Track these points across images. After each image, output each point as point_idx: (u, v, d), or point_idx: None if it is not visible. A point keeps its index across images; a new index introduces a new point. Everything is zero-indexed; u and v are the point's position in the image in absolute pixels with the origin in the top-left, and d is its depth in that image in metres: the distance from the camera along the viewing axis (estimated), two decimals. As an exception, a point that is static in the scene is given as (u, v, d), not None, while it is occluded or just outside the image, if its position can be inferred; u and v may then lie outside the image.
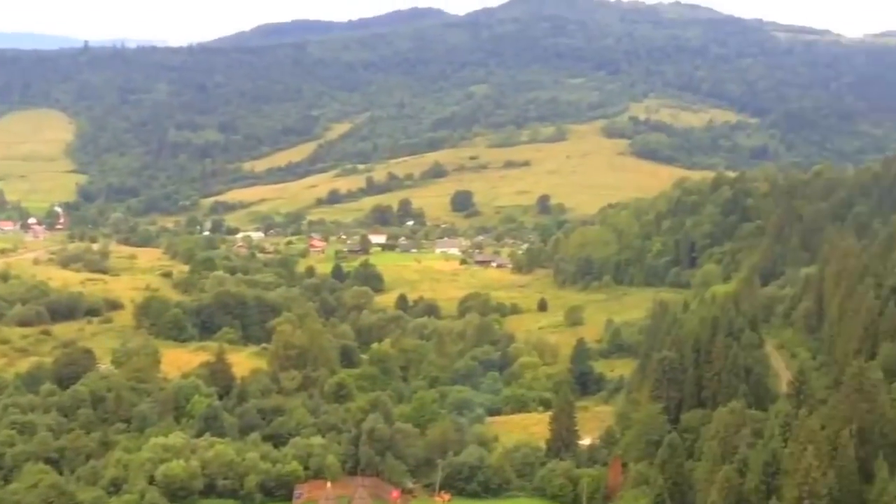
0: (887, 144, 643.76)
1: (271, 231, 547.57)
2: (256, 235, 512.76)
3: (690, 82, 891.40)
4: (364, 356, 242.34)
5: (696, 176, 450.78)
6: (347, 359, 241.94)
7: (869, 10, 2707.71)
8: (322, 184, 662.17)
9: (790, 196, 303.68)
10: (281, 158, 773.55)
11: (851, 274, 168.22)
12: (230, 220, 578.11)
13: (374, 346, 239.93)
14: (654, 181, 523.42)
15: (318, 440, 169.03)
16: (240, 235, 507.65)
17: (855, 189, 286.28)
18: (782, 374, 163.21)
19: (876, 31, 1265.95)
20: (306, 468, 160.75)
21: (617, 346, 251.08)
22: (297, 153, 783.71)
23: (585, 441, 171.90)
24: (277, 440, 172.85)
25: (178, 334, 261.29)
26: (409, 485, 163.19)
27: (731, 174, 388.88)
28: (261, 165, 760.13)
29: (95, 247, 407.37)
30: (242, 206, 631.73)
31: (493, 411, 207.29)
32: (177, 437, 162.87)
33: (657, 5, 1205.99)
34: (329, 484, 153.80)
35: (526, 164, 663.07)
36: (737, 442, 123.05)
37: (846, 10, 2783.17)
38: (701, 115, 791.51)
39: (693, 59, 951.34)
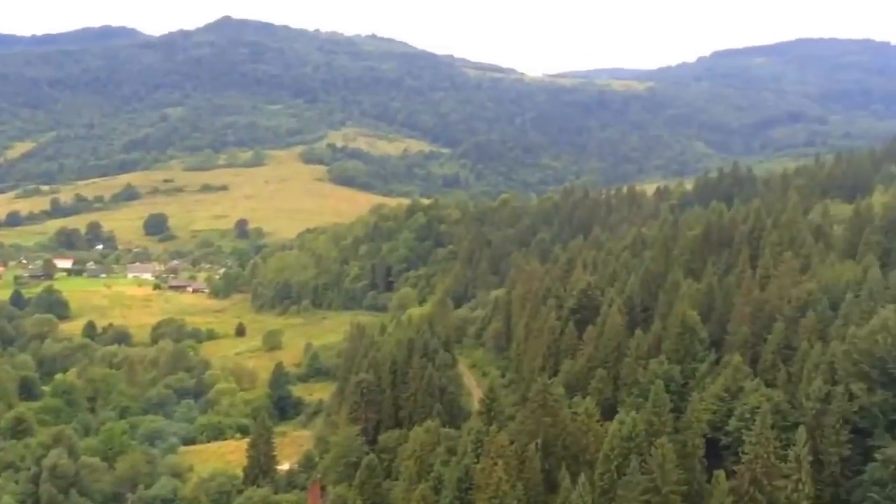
0: (565, 176, 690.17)
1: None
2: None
3: (386, 112, 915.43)
4: (46, 388, 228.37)
5: (392, 203, 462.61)
6: (27, 391, 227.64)
7: (548, 52, 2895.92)
8: (0, 205, 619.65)
9: (480, 223, 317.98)
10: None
11: (535, 296, 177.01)
12: None
13: (59, 376, 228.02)
14: (351, 207, 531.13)
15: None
16: None
17: (538, 217, 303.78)
18: (475, 393, 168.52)
19: (555, 71, 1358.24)
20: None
21: (315, 370, 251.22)
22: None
23: (284, 466, 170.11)
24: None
25: None
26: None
27: (426, 201, 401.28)
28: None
29: None
30: None
31: (188, 440, 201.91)
32: None
33: (354, 37, 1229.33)
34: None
35: (223, 188, 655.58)
36: (432, 460, 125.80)
37: (529, 51, 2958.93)
38: (396, 144, 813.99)
39: (389, 91, 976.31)
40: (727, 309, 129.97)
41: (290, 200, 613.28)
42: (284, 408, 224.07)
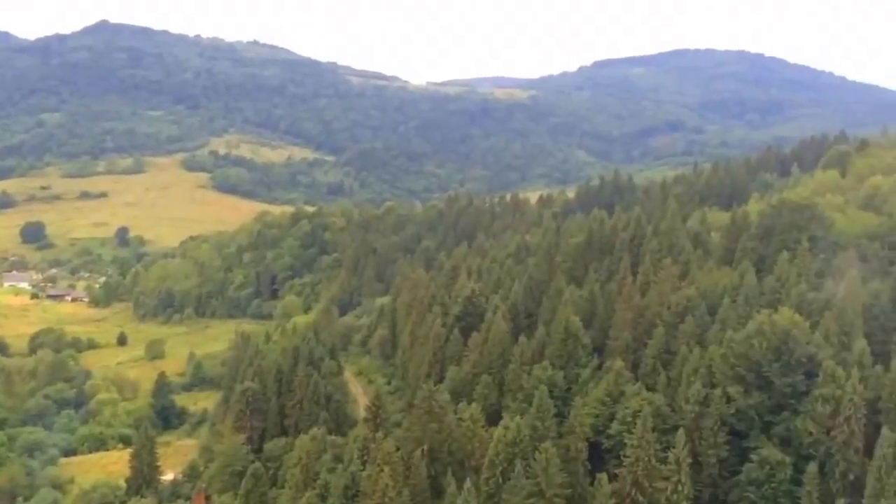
0: (450, 184, 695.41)
1: None
2: None
3: (269, 119, 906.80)
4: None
5: (276, 210, 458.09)
6: None
7: (432, 60, 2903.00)
8: None
9: (365, 230, 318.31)
10: None
11: (421, 303, 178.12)
12: None
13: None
14: (235, 215, 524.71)
15: None
16: None
17: (423, 225, 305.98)
18: (360, 400, 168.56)
19: (438, 80, 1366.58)
20: None
21: (200, 379, 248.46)
22: None
23: (168, 476, 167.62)
24: None
25: None
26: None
27: (310, 209, 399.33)
28: None
29: None
30: None
31: (69, 451, 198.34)
32: None
33: (236, 44, 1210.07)
34: None
35: (103, 195, 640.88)
36: (318, 468, 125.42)
37: (412, 59, 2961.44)
38: (280, 151, 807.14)
39: (272, 98, 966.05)
40: (609, 315, 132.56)
41: (172, 208, 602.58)
42: (168, 417, 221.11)
